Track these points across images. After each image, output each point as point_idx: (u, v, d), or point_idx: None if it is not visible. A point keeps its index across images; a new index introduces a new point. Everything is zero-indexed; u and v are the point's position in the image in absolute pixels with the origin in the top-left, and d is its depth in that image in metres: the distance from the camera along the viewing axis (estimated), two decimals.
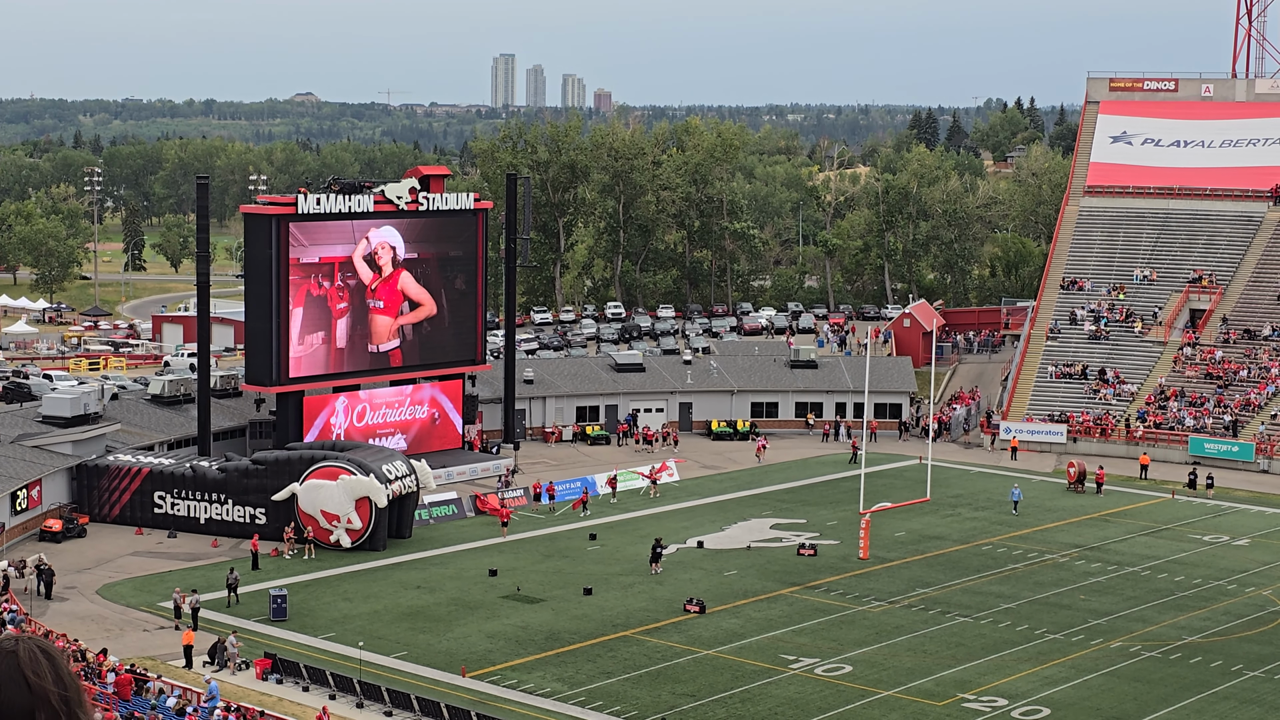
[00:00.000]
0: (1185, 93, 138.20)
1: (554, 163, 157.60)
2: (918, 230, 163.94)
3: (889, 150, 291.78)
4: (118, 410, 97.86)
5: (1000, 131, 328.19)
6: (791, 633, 67.77)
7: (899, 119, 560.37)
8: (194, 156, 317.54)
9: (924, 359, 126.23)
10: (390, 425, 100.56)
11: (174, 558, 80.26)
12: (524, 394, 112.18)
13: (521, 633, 67.43)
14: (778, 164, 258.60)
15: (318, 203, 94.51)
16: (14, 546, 79.28)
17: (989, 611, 71.33)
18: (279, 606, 68.75)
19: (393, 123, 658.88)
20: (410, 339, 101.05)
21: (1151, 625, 69.58)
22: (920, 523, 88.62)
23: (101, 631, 66.67)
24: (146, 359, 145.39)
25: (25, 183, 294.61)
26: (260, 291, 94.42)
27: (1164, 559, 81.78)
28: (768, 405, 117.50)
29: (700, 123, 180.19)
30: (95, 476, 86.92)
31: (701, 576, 76.79)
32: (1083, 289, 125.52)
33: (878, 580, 76.68)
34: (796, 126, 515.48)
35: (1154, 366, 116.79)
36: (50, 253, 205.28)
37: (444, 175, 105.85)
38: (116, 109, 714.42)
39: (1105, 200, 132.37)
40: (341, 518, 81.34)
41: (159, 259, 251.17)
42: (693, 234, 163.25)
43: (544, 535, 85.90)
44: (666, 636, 67.04)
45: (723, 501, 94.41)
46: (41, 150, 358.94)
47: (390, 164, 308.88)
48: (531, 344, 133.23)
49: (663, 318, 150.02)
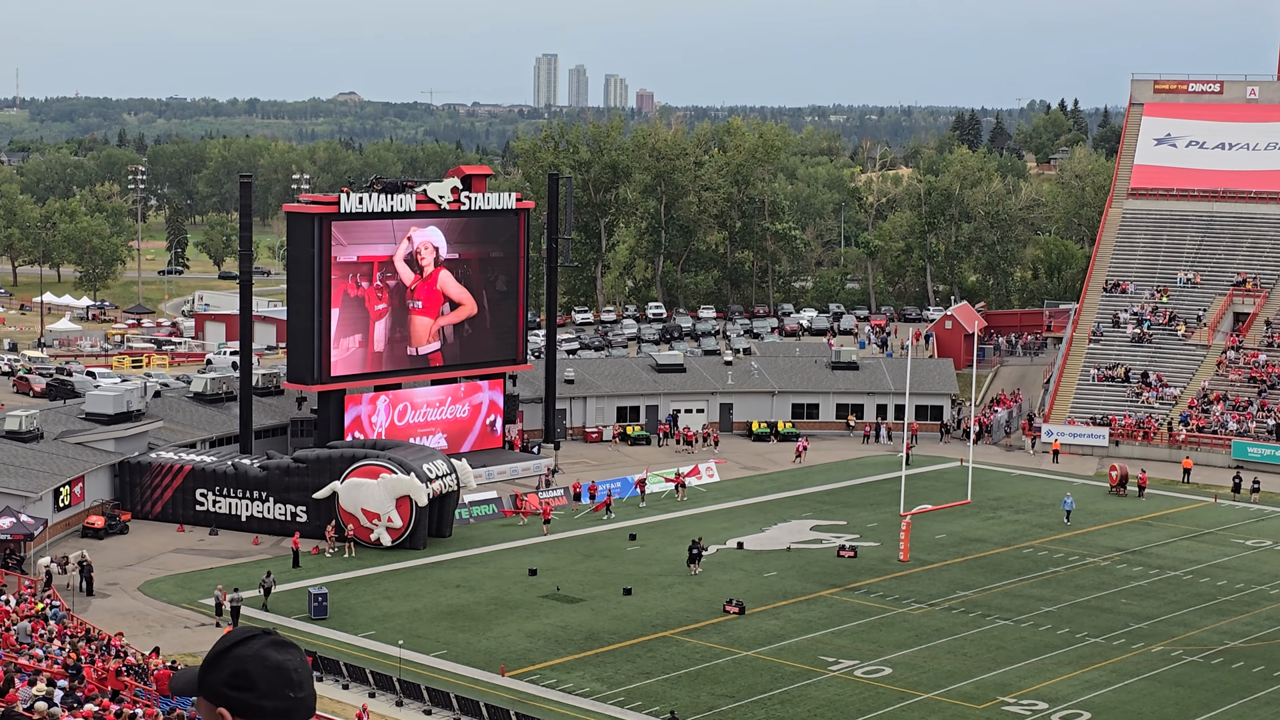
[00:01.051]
0: (1230, 95, 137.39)
1: (596, 163, 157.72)
2: (960, 232, 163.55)
3: (931, 152, 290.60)
4: (160, 408, 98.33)
5: (1043, 133, 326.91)
6: (831, 634, 67.64)
7: (942, 120, 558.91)
8: (237, 155, 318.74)
9: (965, 361, 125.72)
10: (431, 424, 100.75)
11: (215, 555, 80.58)
12: (565, 394, 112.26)
13: (561, 632, 67.48)
14: (820, 165, 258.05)
15: (360, 202, 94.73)
16: (57, 543, 79.74)
17: (1029, 615, 71.07)
18: (320, 605, 68.87)
19: (435, 122, 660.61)
20: (451, 339, 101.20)
21: (1193, 630, 69.22)
22: (961, 525, 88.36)
23: (143, 628, 66.98)
24: (189, 357, 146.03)
25: (70, 181, 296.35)
26: (302, 290, 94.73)
27: (1206, 563, 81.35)
28: (809, 406, 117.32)
29: (742, 123, 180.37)
30: (137, 474, 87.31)
31: (741, 577, 76.71)
32: (1125, 292, 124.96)
33: (918, 582, 76.48)
34: (839, 128, 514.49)
35: (1197, 370, 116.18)
36: (94, 251, 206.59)
37: (486, 175, 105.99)
38: (161, 108, 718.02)
39: (1149, 203, 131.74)
40: (382, 516, 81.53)
41: (202, 257, 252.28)
42: (734, 235, 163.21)
43: (584, 535, 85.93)
44: (706, 637, 67.00)
45: (763, 503, 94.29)
46: (86, 149, 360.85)
47: (433, 164, 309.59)
48: (572, 344, 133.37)
49: (704, 318, 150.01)
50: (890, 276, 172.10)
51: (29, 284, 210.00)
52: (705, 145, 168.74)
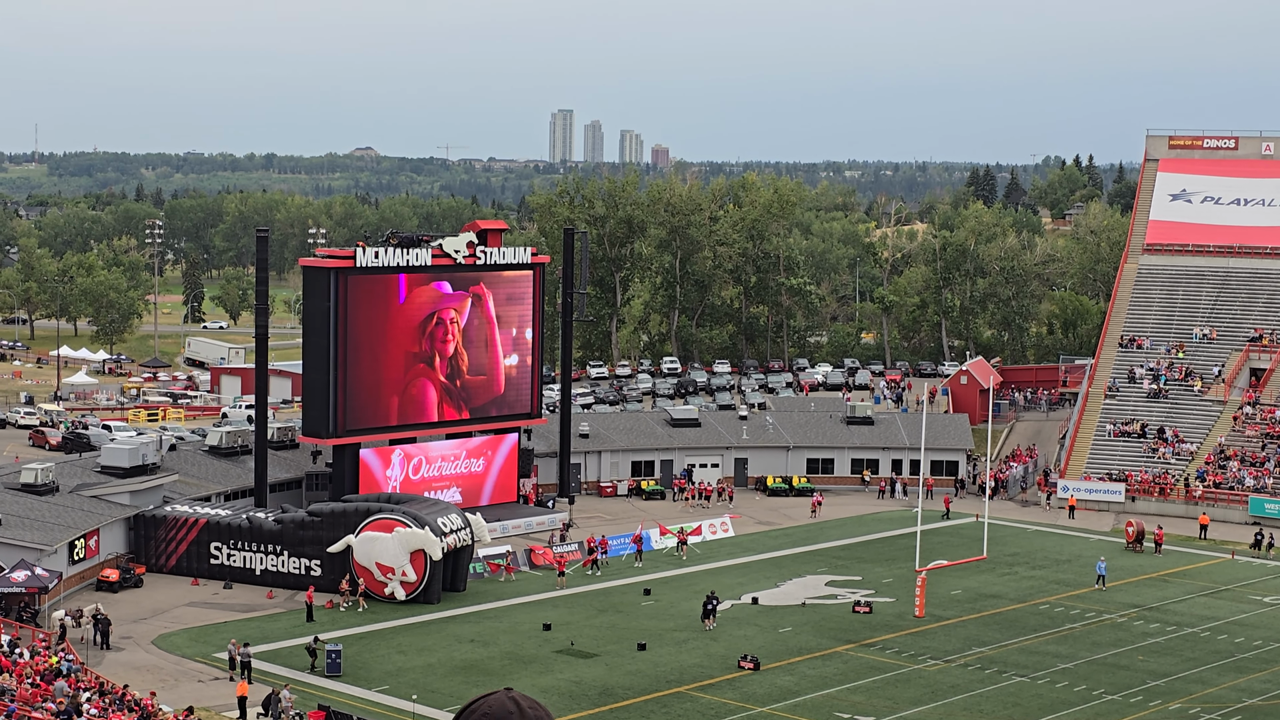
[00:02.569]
0: (1245, 151, 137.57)
1: (611, 217, 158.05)
2: (975, 287, 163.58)
3: (946, 207, 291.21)
4: (175, 461, 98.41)
5: (1058, 189, 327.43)
6: (846, 690, 67.34)
7: (957, 176, 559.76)
8: (254, 210, 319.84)
9: (981, 416, 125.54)
10: (446, 479, 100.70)
11: (229, 609, 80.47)
12: (579, 448, 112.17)
13: (575, 688, 67.24)
14: (835, 220, 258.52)
15: (376, 256, 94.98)
16: (71, 596, 79.68)
17: (1046, 671, 70.73)
18: (333, 662, 68.63)
19: (451, 177, 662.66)
20: (467, 392, 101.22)
21: (1211, 687, 68.84)
22: (977, 581, 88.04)
23: (157, 682, 66.83)
24: (205, 410, 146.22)
25: (87, 235, 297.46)
26: (318, 344, 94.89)
27: (1224, 620, 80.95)
28: (824, 461, 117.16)
29: (757, 178, 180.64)
30: (152, 527, 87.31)
31: (756, 633, 76.46)
32: (1141, 347, 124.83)
33: (934, 638, 76.17)
34: (854, 183, 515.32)
35: (1213, 425, 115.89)
36: (111, 304, 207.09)
37: (501, 229, 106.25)
38: (178, 163, 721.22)
39: (1164, 258, 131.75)
40: (396, 570, 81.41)
41: (218, 311, 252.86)
42: (749, 289, 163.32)
43: (598, 590, 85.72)
44: (720, 693, 66.73)
45: (778, 557, 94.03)
46: (104, 203, 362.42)
47: (448, 218, 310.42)
48: (587, 398, 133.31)
49: (719, 373, 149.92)
50: (905, 331, 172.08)
51: (46, 337, 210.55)
52: (720, 200, 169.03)
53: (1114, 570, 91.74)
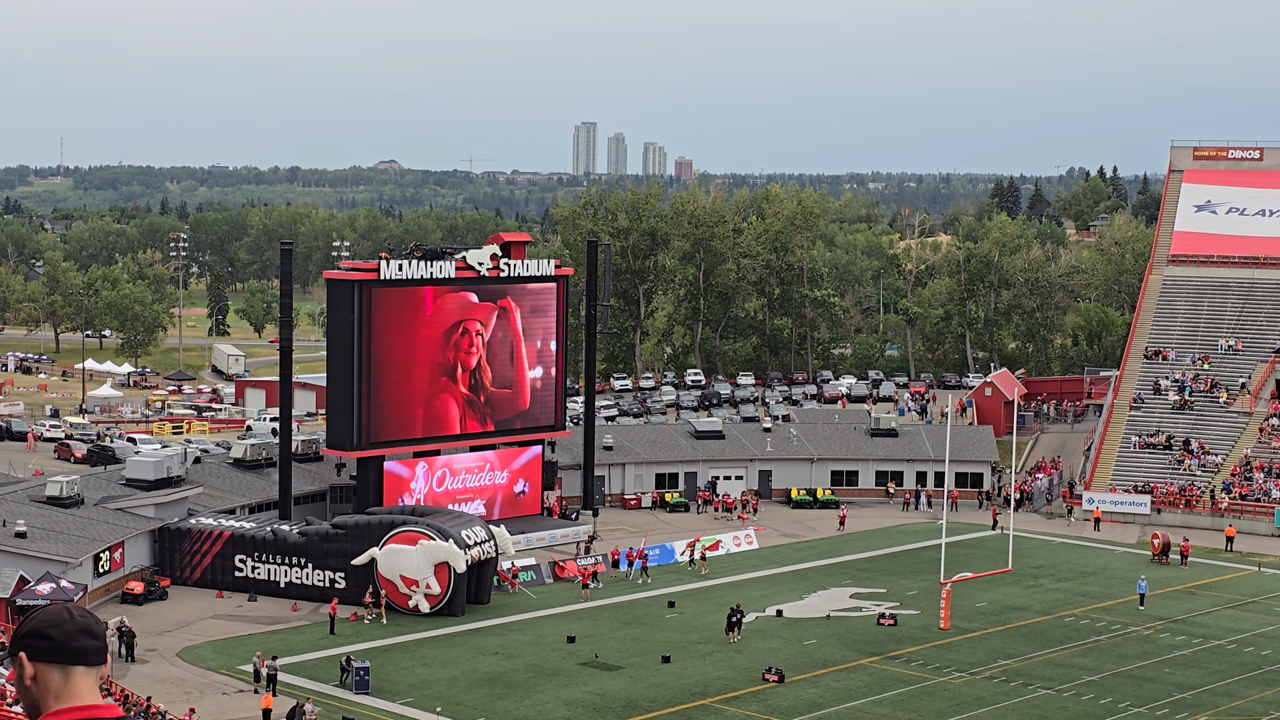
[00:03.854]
0: (1270, 161, 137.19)
1: (634, 230, 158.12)
2: (999, 299, 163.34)
3: (970, 219, 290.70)
4: (200, 474, 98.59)
5: (1083, 200, 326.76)
6: (871, 703, 67.18)
7: (980, 188, 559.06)
8: (278, 223, 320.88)
9: (1005, 428, 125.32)
10: (470, 491, 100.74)
11: (254, 621, 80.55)
12: (603, 460, 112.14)
13: (599, 700, 67.17)
14: (858, 232, 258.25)
15: (400, 269, 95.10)
16: (96, 608, 79.79)
17: (1072, 684, 70.48)
18: (362, 679, 67.68)
19: (475, 190, 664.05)
20: (491, 404, 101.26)
21: (1237, 700, 68.53)
22: (1002, 593, 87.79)
23: (181, 694, 66.93)
24: (229, 423, 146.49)
25: (113, 248, 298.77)
26: (342, 356, 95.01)
27: (1250, 632, 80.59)
28: (848, 473, 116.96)
29: (781, 190, 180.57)
30: (177, 539, 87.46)
31: (780, 645, 76.32)
32: (1167, 358, 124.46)
33: (958, 651, 75.96)
34: (877, 195, 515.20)
35: (1239, 437, 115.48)
36: (136, 317, 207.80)
37: (525, 242, 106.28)
38: (203, 176, 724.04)
39: (1189, 269, 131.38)
40: (420, 582, 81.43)
41: (242, 324, 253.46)
42: (773, 301, 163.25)
43: (622, 602, 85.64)
44: (745, 706, 66.61)
45: (802, 570, 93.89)
46: (129, 217, 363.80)
47: (472, 231, 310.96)
48: (611, 410, 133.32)
49: (742, 385, 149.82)
50: (929, 343, 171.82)
51: (71, 350, 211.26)
52: (744, 212, 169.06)
53: (1137, 583, 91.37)
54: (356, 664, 68.73)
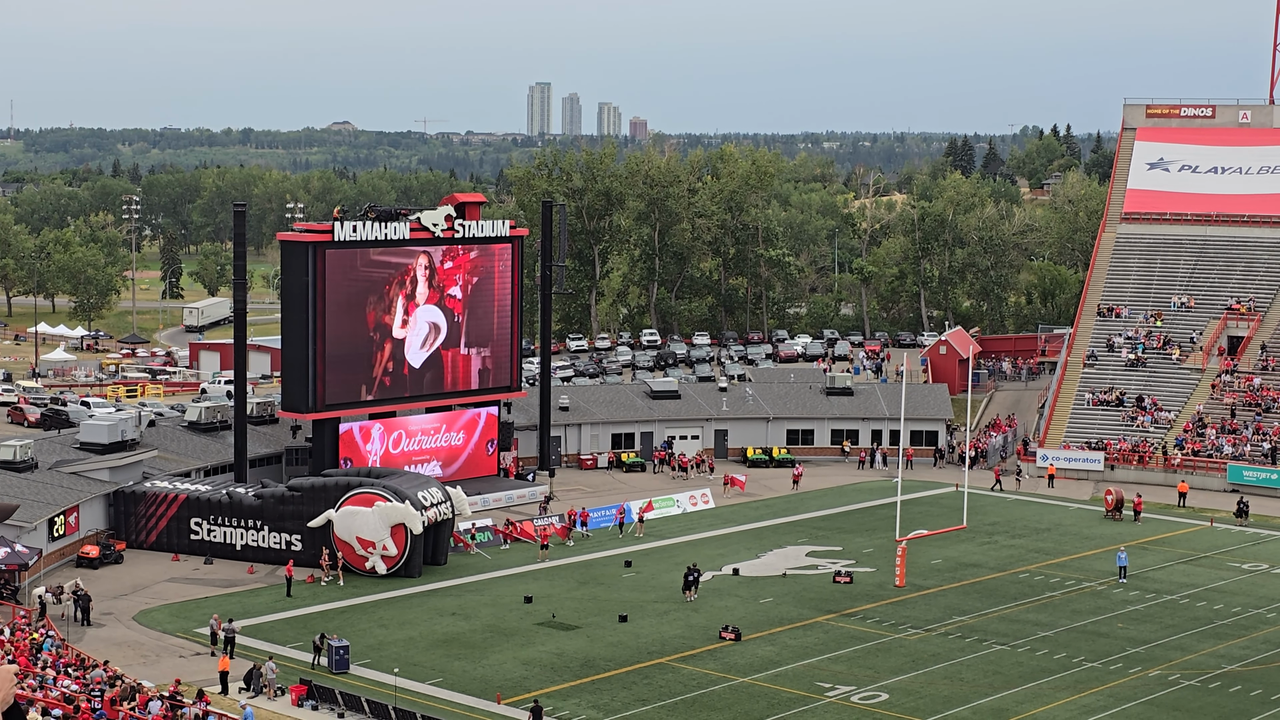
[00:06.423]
0: (1223, 119, 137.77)
1: (589, 190, 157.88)
2: (953, 257, 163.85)
3: (925, 177, 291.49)
4: (155, 437, 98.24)
5: (1036, 159, 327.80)
6: (828, 660, 67.51)
7: (935, 146, 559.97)
8: (231, 185, 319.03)
9: (960, 386, 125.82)
10: (426, 452, 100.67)
11: (210, 584, 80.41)
12: (559, 421, 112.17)
13: (557, 660, 67.33)
14: (813, 191, 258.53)
15: (354, 230, 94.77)
16: (51, 572, 79.53)
17: (1026, 639, 70.96)
18: (341, 659, 65.60)
19: (429, 151, 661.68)
20: (445, 365, 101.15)
21: (1190, 654, 69.13)
22: (957, 550, 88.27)
23: (138, 657, 66.82)
24: (184, 386, 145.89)
25: (64, 211, 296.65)
26: (297, 318, 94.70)
27: (1202, 587, 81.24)
28: (803, 432, 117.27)
29: (735, 150, 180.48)
30: (132, 503, 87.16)
31: (737, 604, 76.59)
32: (1119, 316, 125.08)
33: (914, 608, 76.37)
34: (832, 154, 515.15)
35: (1192, 394, 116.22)
36: (89, 281, 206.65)
37: (480, 203, 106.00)
38: (155, 138, 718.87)
39: (1142, 227, 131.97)
40: (377, 544, 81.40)
41: (196, 286, 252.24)
42: (728, 261, 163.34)
43: (579, 562, 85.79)
44: (702, 664, 66.86)
45: (758, 529, 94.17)
46: (80, 179, 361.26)
47: (426, 192, 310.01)
48: (567, 371, 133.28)
49: (698, 345, 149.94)
50: (884, 302, 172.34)
51: (23, 314, 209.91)
52: (699, 172, 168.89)
53: (1093, 539, 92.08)
54: (333, 642, 66.14)
